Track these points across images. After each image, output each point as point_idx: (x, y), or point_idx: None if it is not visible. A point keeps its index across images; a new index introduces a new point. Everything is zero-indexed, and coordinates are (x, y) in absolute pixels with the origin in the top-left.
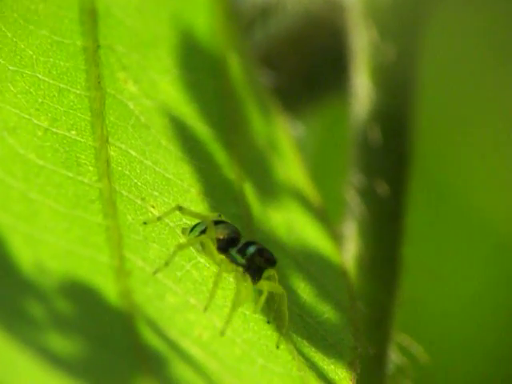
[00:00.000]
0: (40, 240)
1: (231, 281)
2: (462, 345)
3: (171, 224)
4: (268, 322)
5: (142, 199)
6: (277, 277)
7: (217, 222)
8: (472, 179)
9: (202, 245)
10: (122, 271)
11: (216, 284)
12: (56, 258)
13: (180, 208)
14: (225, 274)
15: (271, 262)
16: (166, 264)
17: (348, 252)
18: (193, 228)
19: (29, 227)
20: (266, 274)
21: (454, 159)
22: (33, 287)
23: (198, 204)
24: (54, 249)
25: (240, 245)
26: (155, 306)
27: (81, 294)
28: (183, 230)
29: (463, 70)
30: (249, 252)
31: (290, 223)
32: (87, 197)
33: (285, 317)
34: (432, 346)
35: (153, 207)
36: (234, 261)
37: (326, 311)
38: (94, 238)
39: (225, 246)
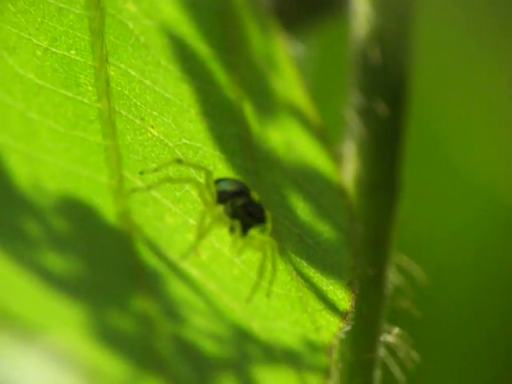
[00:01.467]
0: (39, 160)
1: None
2: (461, 265)
3: (170, 144)
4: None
5: (142, 119)
6: (269, 230)
7: (227, 178)
8: (467, 130)
9: (203, 195)
10: (120, 191)
11: (204, 229)
12: (54, 178)
13: (179, 160)
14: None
15: (255, 217)
16: (156, 169)
17: (347, 172)
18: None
19: (28, 147)
20: (257, 232)
21: (450, 102)
22: (31, 206)
23: (197, 123)
24: (53, 169)
25: (234, 197)
26: (154, 226)
27: (79, 214)
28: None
29: (463, 20)
30: (236, 204)
31: (290, 142)
32: (86, 117)
33: (274, 269)
34: (430, 266)
35: (152, 127)
36: (226, 212)
37: (325, 231)
38: (93, 158)
39: (227, 198)
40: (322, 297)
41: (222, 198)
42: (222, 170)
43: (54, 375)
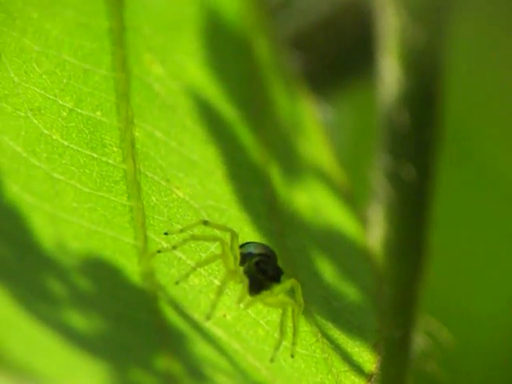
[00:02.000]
0: (63, 220)
1: None
2: (488, 329)
3: (196, 205)
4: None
5: (167, 180)
6: (299, 290)
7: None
8: (499, 159)
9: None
10: (145, 252)
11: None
12: (79, 238)
13: (205, 222)
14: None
15: (268, 275)
16: (186, 275)
17: (374, 236)
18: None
19: (52, 207)
20: (279, 286)
21: (482, 140)
22: (55, 266)
23: (223, 185)
24: (78, 229)
25: (252, 256)
26: (179, 286)
27: (103, 274)
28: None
29: (492, 57)
30: (251, 261)
31: (316, 205)
32: (111, 177)
33: (296, 329)
34: (458, 329)
35: (177, 188)
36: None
37: (351, 294)
38: (117, 219)
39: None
40: (347, 358)
41: (245, 260)
42: (247, 232)
43: None
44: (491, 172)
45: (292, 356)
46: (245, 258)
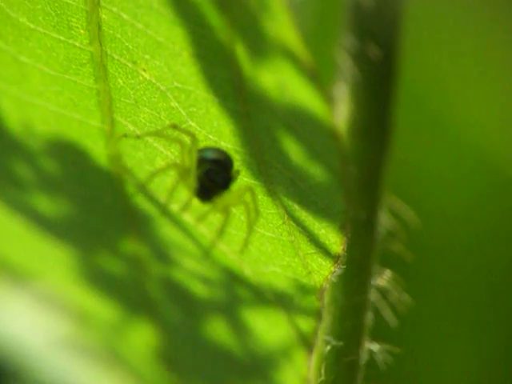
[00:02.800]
0: (30, 103)
1: None
2: (452, 207)
3: (162, 87)
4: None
5: (133, 62)
6: (254, 197)
7: (215, 148)
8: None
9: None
10: (112, 135)
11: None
12: (46, 122)
13: (174, 125)
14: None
15: (218, 184)
16: (152, 175)
17: (340, 115)
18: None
19: (19, 91)
20: (231, 193)
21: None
22: (21, 149)
23: (189, 67)
24: (44, 112)
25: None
26: (145, 170)
27: (70, 157)
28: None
29: None
30: (204, 168)
31: (282, 85)
32: (78, 60)
33: (257, 213)
34: (422, 209)
35: (144, 70)
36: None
37: (318, 175)
38: (84, 102)
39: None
40: (313, 240)
41: (199, 164)
42: (214, 113)
43: (43, 319)
44: (454, 49)
45: (241, 252)
46: (200, 163)
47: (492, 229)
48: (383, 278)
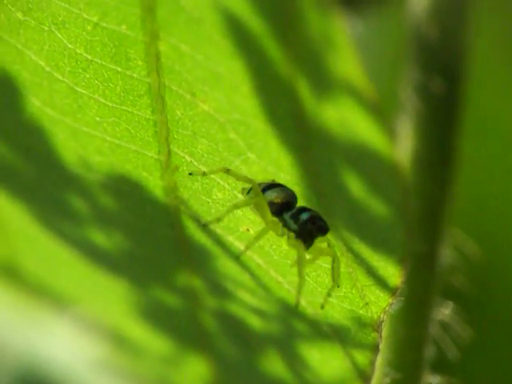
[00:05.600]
0: (86, 134)
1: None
2: None
3: (221, 119)
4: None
5: (192, 94)
6: (332, 243)
7: (272, 185)
8: None
9: (256, 206)
10: (169, 166)
11: (259, 235)
12: (102, 153)
13: (227, 170)
14: (274, 235)
15: (323, 230)
16: (218, 220)
17: (403, 149)
18: (250, 189)
19: (75, 121)
20: (319, 240)
21: None
22: (76, 181)
23: (249, 99)
24: (100, 143)
25: (294, 210)
26: (202, 201)
27: (125, 189)
28: (242, 191)
29: None
30: (302, 218)
31: (344, 119)
32: (135, 91)
33: (336, 279)
34: (485, 243)
35: (203, 102)
36: (286, 225)
37: (378, 208)
38: (141, 133)
39: (279, 210)
40: (371, 273)
41: (273, 209)
42: (273, 145)
43: (92, 347)
44: None
45: (322, 307)
46: (271, 207)
47: None
48: (444, 311)
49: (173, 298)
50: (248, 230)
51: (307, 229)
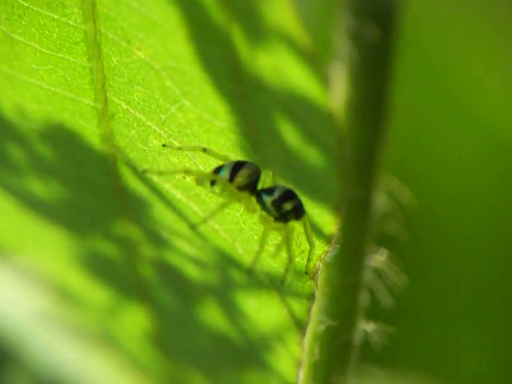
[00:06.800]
0: (23, 81)
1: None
2: (449, 188)
3: (156, 66)
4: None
5: (128, 41)
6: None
7: (235, 168)
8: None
9: (233, 194)
10: (105, 114)
11: (223, 206)
12: (39, 101)
13: (204, 149)
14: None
15: (301, 216)
16: (205, 220)
17: (337, 96)
18: (213, 182)
19: (12, 69)
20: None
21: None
22: (14, 131)
23: (184, 46)
24: (37, 91)
25: (276, 196)
26: (138, 148)
27: (62, 137)
28: (198, 181)
29: None
30: (285, 208)
31: (279, 66)
32: (72, 39)
33: (310, 262)
34: (419, 189)
35: (138, 49)
36: (265, 209)
37: (313, 155)
38: (77, 81)
39: (253, 187)
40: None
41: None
42: (208, 92)
43: (34, 298)
44: (453, 31)
45: (282, 283)
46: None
47: (491, 210)
48: (378, 258)
49: (110, 247)
50: (184, 177)
51: (287, 217)
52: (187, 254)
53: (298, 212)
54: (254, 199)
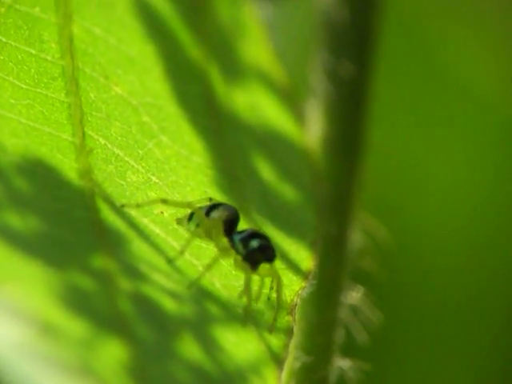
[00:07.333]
0: (1, 116)
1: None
2: (426, 228)
3: (134, 102)
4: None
5: (106, 77)
6: (275, 267)
7: (214, 206)
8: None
9: (207, 232)
10: (83, 149)
11: (213, 261)
12: (17, 135)
13: (163, 200)
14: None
15: (270, 258)
16: (181, 253)
17: (313, 134)
18: (190, 217)
19: None
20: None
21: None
22: None
23: (161, 82)
24: (15, 125)
25: (244, 234)
26: (116, 183)
27: (40, 171)
28: (178, 221)
29: None
30: (251, 246)
31: (255, 103)
32: (49, 74)
33: (279, 303)
34: (396, 227)
35: (116, 85)
36: (234, 247)
37: (289, 192)
38: (55, 116)
39: (227, 230)
40: (284, 256)
41: (227, 228)
42: (185, 129)
43: (13, 330)
44: (434, 68)
45: (270, 332)
46: (230, 227)
47: (468, 247)
48: (355, 295)
49: (88, 280)
50: (162, 212)
51: (255, 256)
52: (165, 288)
53: (267, 252)
54: (225, 240)
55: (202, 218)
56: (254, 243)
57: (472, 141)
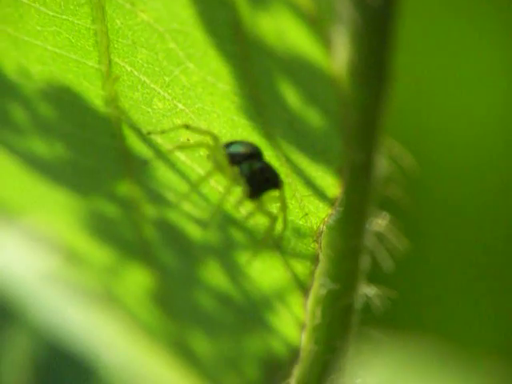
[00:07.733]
0: (27, 43)
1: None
2: (452, 155)
3: (160, 29)
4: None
5: (132, 3)
6: (282, 198)
7: (237, 142)
8: None
9: (215, 161)
10: (109, 76)
11: (223, 198)
12: (43, 62)
13: (187, 126)
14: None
15: (272, 183)
16: (163, 132)
17: (340, 60)
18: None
19: (16, 31)
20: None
21: None
22: (18, 92)
23: (188, 8)
24: (42, 52)
25: (253, 161)
26: (142, 110)
27: (66, 99)
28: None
29: None
30: (254, 166)
31: (281, 30)
32: (76, 0)
33: (267, 236)
34: (421, 154)
35: (142, 11)
36: (240, 173)
37: (316, 118)
38: (81, 42)
39: (240, 160)
40: (310, 183)
41: (235, 160)
42: (211, 55)
43: (38, 258)
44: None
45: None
46: (234, 158)
47: (494, 174)
48: (380, 222)
49: (114, 207)
50: (188, 139)
51: (256, 178)
52: (190, 215)
53: (269, 176)
54: (236, 169)
55: (218, 150)
56: (256, 165)
57: (502, 69)
